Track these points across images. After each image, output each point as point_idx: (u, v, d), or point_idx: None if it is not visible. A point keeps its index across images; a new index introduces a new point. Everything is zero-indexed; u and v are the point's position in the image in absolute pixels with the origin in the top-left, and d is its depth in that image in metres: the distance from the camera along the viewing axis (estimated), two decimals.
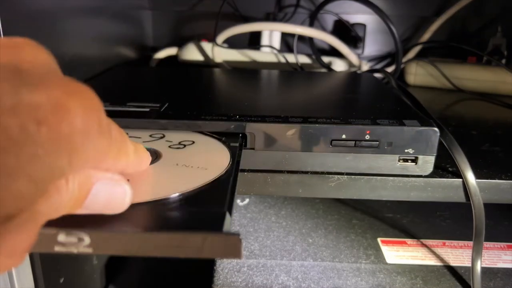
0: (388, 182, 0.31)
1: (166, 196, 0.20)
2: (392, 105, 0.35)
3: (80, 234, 0.17)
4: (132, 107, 0.32)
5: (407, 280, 0.36)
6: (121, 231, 0.18)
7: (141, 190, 0.21)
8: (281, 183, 0.31)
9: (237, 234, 0.17)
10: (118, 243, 0.17)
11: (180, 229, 0.18)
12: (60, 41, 0.34)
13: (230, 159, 0.25)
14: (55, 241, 0.17)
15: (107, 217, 0.18)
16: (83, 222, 0.18)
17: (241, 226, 0.43)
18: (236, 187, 0.22)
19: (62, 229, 0.17)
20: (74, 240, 0.17)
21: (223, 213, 0.19)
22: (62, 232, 0.17)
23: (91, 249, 0.17)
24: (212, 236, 0.17)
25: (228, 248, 0.17)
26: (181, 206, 0.20)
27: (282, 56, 0.58)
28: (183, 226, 0.18)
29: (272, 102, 0.36)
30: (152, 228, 0.18)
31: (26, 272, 0.32)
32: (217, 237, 0.17)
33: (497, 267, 0.38)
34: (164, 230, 0.17)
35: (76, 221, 0.18)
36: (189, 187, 0.21)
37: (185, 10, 0.67)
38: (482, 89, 0.55)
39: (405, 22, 0.66)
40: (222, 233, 0.17)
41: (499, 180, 0.30)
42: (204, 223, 0.18)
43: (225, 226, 0.18)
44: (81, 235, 0.17)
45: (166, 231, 0.17)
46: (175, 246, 0.17)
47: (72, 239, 0.17)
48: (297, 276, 0.37)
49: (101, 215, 0.18)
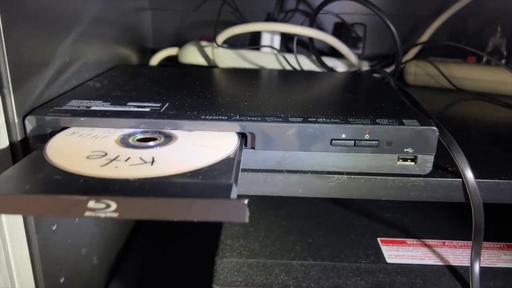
0: (388, 182, 0.31)
1: (185, 171, 0.24)
2: (392, 105, 0.35)
3: (107, 201, 0.20)
4: (132, 107, 0.32)
5: (406, 279, 0.36)
6: (144, 197, 0.21)
7: (164, 166, 0.24)
8: (281, 183, 0.31)
9: (243, 200, 0.20)
10: (141, 208, 0.21)
11: (197, 196, 0.21)
12: (60, 41, 0.34)
13: (238, 140, 0.29)
14: (85, 207, 0.20)
15: (132, 187, 0.22)
16: (110, 190, 0.21)
17: (241, 226, 0.43)
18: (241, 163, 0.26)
19: (92, 196, 0.20)
20: (102, 206, 0.20)
21: (230, 184, 0.22)
22: (92, 199, 0.20)
23: (117, 214, 0.20)
24: (222, 201, 0.21)
25: (235, 212, 0.20)
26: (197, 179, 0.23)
27: (282, 56, 0.59)
28: (199, 194, 0.21)
29: (272, 102, 0.36)
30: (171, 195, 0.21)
31: (27, 272, 0.32)
32: (226, 202, 0.21)
33: (497, 267, 0.38)
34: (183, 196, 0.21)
35: (104, 189, 0.21)
36: (204, 164, 0.25)
37: (185, 10, 0.67)
38: (481, 89, 0.55)
39: (405, 22, 0.66)
40: (229, 199, 0.21)
41: (499, 180, 0.30)
42: (216, 191, 0.22)
43: (232, 194, 0.21)
44: (108, 201, 0.20)
45: (184, 197, 0.21)
46: (193, 210, 0.20)
47: (100, 205, 0.20)
48: (297, 275, 0.37)
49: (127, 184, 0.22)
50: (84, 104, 0.32)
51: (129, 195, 0.21)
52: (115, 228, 0.51)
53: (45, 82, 0.32)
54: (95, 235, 0.44)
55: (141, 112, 0.30)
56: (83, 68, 0.39)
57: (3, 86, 0.27)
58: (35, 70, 0.31)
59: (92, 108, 0.31)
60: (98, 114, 0.30)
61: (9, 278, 0.32)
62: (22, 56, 0.29)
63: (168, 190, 0.22)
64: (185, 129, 0.30)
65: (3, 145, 0.28)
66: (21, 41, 0.29)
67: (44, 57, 0.32)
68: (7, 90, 0.27)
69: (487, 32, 0.64)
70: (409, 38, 0.66)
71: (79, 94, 0.35)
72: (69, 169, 0.24)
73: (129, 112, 0.30)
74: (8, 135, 0.28)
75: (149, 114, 0.30)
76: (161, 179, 0.23)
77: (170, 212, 0.20)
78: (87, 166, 0.24)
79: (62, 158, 0.25)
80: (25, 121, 0.29)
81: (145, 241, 0.58)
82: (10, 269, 0.31)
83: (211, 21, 0.67)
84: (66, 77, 0.36)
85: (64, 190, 0.22)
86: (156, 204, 0.21)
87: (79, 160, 0.25)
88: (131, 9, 0.57)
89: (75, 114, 0.30)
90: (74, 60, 0.37)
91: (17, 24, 0.28)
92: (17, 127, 0.29)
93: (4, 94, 0.27)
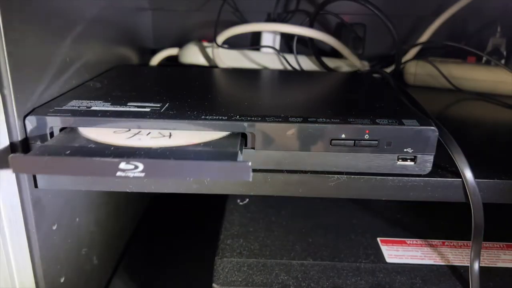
0: (388, 182, 0.31)
1: (198, 142, 0.29)
2: (391, 105, 0.35)
3: (136, 162, 0.25)
4: (132, 107, 0.32)
5: (406, 279, 0.36)
6: (167, 159, 0.25)
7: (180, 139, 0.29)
8: (281, 183, 0.31)
9: (247, 162, 0.25)
10: (164, 169, 0.25)
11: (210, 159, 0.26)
12: (60, 41, 0.34)
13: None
14: (117, 168, 0.25)
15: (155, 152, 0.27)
16: (137, 155, 0.26)
17: (241, 226, 0.43)
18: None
19: (123, 159, 0.25)
20: (131, 167, 0.25)
21: (236, 151, 0.27)
22: (123, 161, 0.25)
23: (143, 174, 0.25)
24: (230, 163, 0.25)
25: (241, 172, 0.25)
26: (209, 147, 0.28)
27: (282, 56, 0.59)
28: (211, 158, 0.26)
29: (272, 102, 0.36)
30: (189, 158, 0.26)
31: (27, 271, 0.32)
32: (233, 164, 0.25)
33: (497, 266, 0.38)
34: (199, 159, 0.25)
35: (132, 154, 0.26)
36: (214, 138, 0.29)
37: (186, 10, 0.67)
38: (481, 89, 0.55)
39: (405, 22, 0.66)
40: (236, 162, 0.25)
41: (498, 180, 0.31)
42: (225, 157, 0.27)
43: (238, 158, 0.26)
44: (137, 163, 0.25)
45: (200, 159, 0.25)
46: (206, 170, 0.25)
47: (130, 166, 0.25)
48: (297, 275, 0.37)
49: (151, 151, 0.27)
50: (84, 104, 0.32)
51: (154, 158, 0.25)
52: (115, 228, 0.51)
53: (46, 82, 0.32)
54: (95, 235, 0.44)
55: (141, 112, 0.30)
56: (83, 68, 0.39)
57: (3, 86, 0.27)
58: (36, 70, 0.31)
59: (92, 108, 0.31)
60: (99, 114, 0.30)
61: (9, 278, 0.32)
62: (22, 56, 0.29)
63: (186, 155, 0.27)
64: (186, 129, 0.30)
65: (4, 145, 0.29)
66: (21, 41, 0.29)
67: (44, 57, 0.32)
68: (8, 90, 0.27)
69: (486, 32, 0.64)
70: (409, 38, 0.66)
71: (79, 94, 0.35)
72: (100, 140, 0.29)
73: (130, 112, 0.30)
74: (9, 135, 0.29)
75: (149, 114, 0.30)
76: (179, 147, 0.28)
77: (188, 172, 0.25)
78: (115, 138, 0.29)
79: (93, 133, 0.29)
80: (26, 121, 0.29)
81: (145, 241, 0.58)
82: (11, 269, 0.32)
83: (211, 21, 0.67)
84: (67, 77, 0.36)
85: (98, 155, 0.26)
86: (177, 165, 0.25)
87: (107, 134, 0.29)
88: (131, 9, 0.57)
89: (76, 114, 0.30)
90: (74, 60, 0.37)
91: (18, 24, 0.28)
92: (18, 127, 0.29)
93: (4, 94, 0.27)
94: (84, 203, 0.41)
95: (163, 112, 0.31)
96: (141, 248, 0.56)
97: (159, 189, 0.31)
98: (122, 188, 0.31)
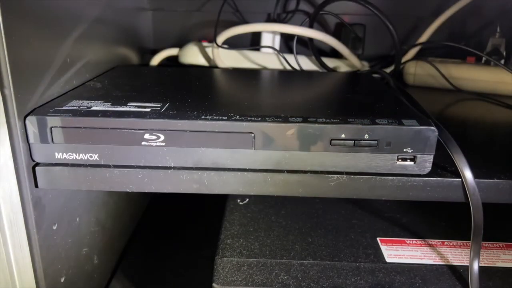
0: (387, 181, 0.31)
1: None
2: (391, 105, 0.35)
3: (158, 133, 0.30)
4: (133, 107, 0.32)
5: (406, 279, 0.36)
6: (183, 130, 0.30)
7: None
8: (281, 183, 0.31)
9: (251, 133, 0.29)
10: (182, 138, 0.30)
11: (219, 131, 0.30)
12: (61, 41, 0.35)
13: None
14: (142, 138, 0.30)
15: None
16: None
17: (241, 226, 0.43)
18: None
19: (147, 130, 0.30)
20: (154, 138, 0.30)
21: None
22: (148, 132, 0.30)
23: (164, 143, 0.30)
24: (235, 133, 0.29)
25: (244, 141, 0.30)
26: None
27: (282, 56, 0.59)
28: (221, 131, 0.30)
29: (272, 102, 0.36)
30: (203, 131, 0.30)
31: (27, 271, 0.32)
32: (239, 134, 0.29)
33: (496, 266, 0.38)
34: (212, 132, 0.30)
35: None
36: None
37: (186, 11, 0.67)
38: (481, 89, 0.56)
39: (405, 22, 0.66)
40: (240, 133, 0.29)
41: (498, 180, 0.31)
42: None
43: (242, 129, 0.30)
44: (158, 134, 0.30)
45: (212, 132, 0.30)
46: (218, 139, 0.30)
47: (152, 136, 0.30)
48: (297, 275, 0.37)
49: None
50: (84, 104, 0.32)
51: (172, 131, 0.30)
52: (115, 228, 0.51)
53: (46, 83, 0.32)
54: (96, 235, 0.44)
55: (142, 112, 0.31)
56: (83, 68, 0.39)
57: (4, 86, 0.27)
58: (36, 71, 0.31)
59: (92, 108, 0.31)
60: (99, 114, 0.30)
61: (9, 278, 0.32)
62: (23, 57, 0.29)
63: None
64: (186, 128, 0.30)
65: (4, 145, 0.29)
66: (22, 42, 0.29)
67: (45, 58, 0.32)
68: (8, 91, 0.28)
69: (486, 32, 0.64)
70: (408, 38, 0.66)
71: (79, 94, 0.35)
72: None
73: (130, 112, 0.30)
74: (9, 135, 0.29)
75: (149, 114, 0.30)
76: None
77: (205, 142, 0.30)
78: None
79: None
80: (26, 121, 0.29)
81: (145, 241, 0.58)
82: (11, 269, 0.32)
83: (211, 21, 0.67)
84: (67, 77, 0.36)
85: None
86: (192, 135, 0.30)
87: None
88: (132, 10, 0.57)
89: (76, 114, 0.30)
90: (74, 61, 0.37)
91: (18, 24, 0.28)
92: (18, 127, 0.29)
93: (5, 95, 0.28)
94: (84, 203, 0.41)
95: (163, 112, 0.31)
96: (141, 248, 0.57)
97: (159, 189, 0.31)
98: (122, 188, 0.31)
